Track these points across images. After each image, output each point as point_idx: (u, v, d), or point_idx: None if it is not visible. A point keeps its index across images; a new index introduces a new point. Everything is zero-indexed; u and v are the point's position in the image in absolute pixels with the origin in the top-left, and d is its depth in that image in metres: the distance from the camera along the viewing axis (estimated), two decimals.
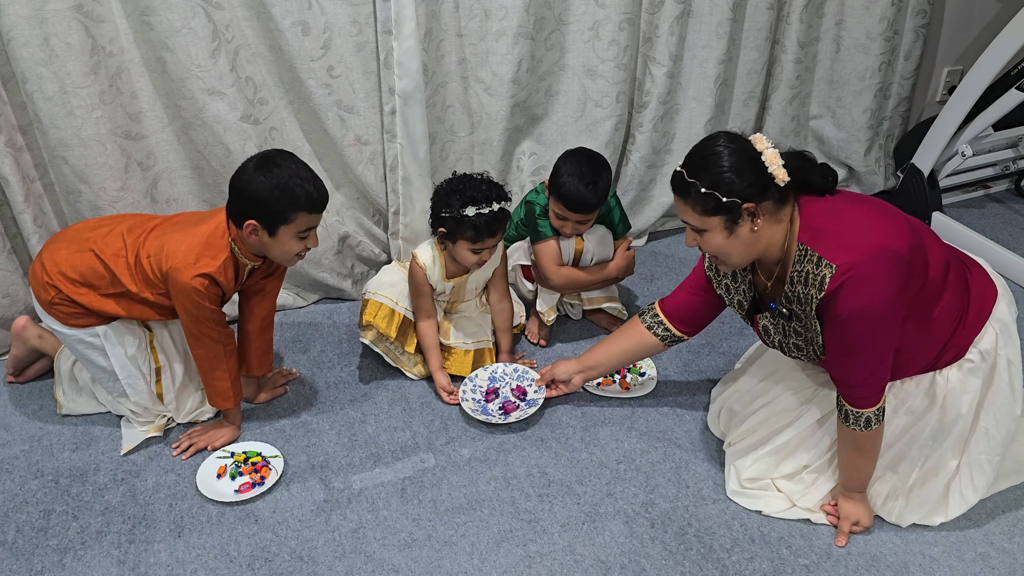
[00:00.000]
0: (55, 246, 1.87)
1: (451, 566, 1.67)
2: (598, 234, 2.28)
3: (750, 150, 1.46)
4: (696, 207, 1.49)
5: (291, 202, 1.71)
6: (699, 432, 2.03)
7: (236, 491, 1.83)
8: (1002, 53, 2.58)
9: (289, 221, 1.73)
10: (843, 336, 1.50)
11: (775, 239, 1.52)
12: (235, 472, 1.88)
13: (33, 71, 1.95)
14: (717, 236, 1.51)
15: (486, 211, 1.95)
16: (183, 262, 1.74)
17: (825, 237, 1.48)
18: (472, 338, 2.24)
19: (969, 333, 1.59)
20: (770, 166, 1.45)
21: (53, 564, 1.67)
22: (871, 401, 1.56)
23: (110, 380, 1.94)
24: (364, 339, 2.15)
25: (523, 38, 2.40)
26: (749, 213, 1.47)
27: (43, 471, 1.91)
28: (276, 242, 1.76)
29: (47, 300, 1.84)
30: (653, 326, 1.89)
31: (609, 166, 2.19)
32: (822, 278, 1.45)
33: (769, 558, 1.68)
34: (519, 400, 2.09)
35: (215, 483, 1.85)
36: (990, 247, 2.74)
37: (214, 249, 1.77)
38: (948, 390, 1.61)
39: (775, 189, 1.46)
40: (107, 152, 2.12)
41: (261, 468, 1.89)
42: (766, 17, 2.72)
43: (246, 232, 1.74)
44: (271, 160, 1.72)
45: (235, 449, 1.95)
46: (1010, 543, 1.71)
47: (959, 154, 2.91)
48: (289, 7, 2.11)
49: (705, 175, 1.46)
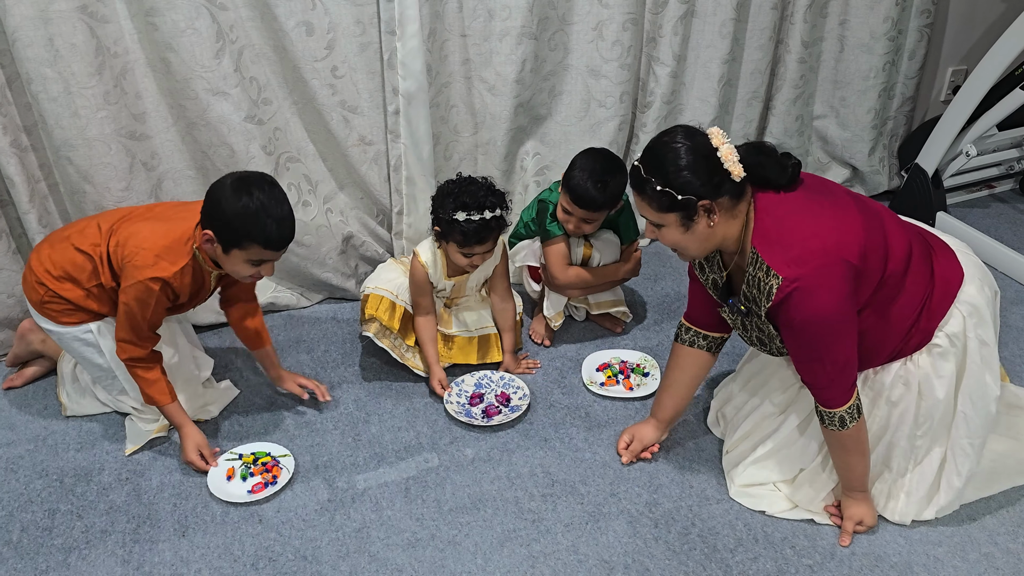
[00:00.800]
0: (40, 247, 1.89)
1: (455, 566, 1.67)
2: (607, 241, 2.27)
3: (706, 146, 1.45)
4: (652, 204, 1.50)
5: (248, 232, 1.68)
6: (702, 432, 2.03)
7: (249, 491, 1.83)
8: (1006, 53, 2.58)
9: (242, 247, 1.70)
10: (799, 342, 1.52)
11: (731, 233, 1.53)
12: (245, 473, 1.88)
13: (38, 71, 1.96)
14: (674, 231, 1.52)
15: (476, 218, 1.95)
16: (143, 261, 1.74)
17: (773, 243, 1.48)
18: (475, 326, 2.25)
19: (934, 316, 1.58)
20: (725, 162, 1.44)
21: (58, 563, 1.68)
22: (840, 400, 1.56)
23: (108, 378, 1.94)
24: (367, 332, 2.15)
25: (527, 38, 2.40)
26: (705, 210, 1.47)
27: (48, 471, 1.92)
28: (227, 259, 1.74)
29: (37, 300, 1.85)
30: (694, 340, 1.84)
31: (626, 171, 2.17)
32: (769, 288, 1.47)
33: (773, 558, 1.68)
34: (502, 405, 2.10)
35: (226, 486, 1.85)
36: (994, 247, 2.73)
37: (175, 254, 1.76)
38: (921, 376, 1.61)
39: (731, 184, 1.46)
40: (112, 152, 2.12)
41: (272, 468, 1.89)
42: (770, 17, 2.71)
43: (202, 239, 1.72)
44: (250, 183, 1.69)
45: (243, 451, 1.95)
46: (1014, 543, 1.70)
47: (963, 154, 2.91)
48: (293, 7, 2.11)
49: (660, 172, 1.46)
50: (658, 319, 2.50)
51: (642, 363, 2.26)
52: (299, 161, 2.37)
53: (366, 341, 2.37)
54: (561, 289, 2.30)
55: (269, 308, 2.49)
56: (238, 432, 2.03)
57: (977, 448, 1.68)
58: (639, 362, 2.27)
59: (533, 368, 2.27)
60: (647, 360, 2.27)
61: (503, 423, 2.04)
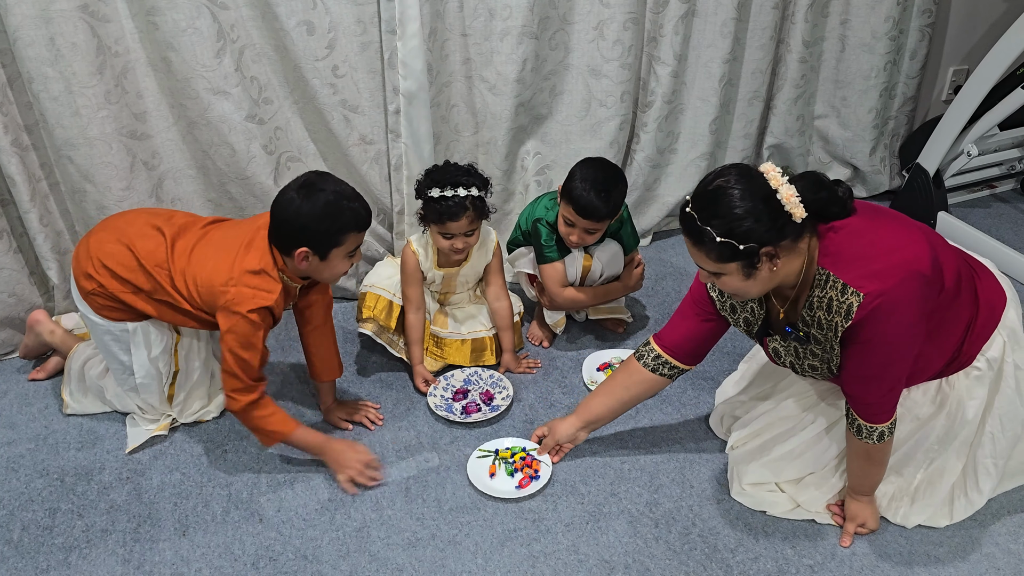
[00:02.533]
0: (101, 236, 1.84)
1: (455, 565, 1.67)
2: (610, 251, 2.26)
3: (764, 188, 1.36)
4: (711, 254, 1.40)
5: (343, 225, 1.69)
6: (703, 431, 2.03)
7: (517, 487, 1.84)
8: (1008, 52, 2.57)
9: (341, 244, 1.71)
10: (865, 360, 1.46)
11: (793, 269, 1.45)
12: (511, 470, 1.88)
13: (39, 71, 1.96)
14: (734, 279, 1.43)
15: (450, 194, 1.96)
16: (239, 297, 1.70)
17: (847, 262, 1.42)
18: (467, 328, 2.25)
19: (977, 341, 1.57)
20: (787, 204, 1.35)
21: (59, 562, 1.68)
22: (885, 417, 1.54)
23: (125, 374, 1.94)
24: (365, 330, 2.16)
25: (527, 37, 2.40)
26: (768, 256, 1.39)
27: (49, 470, 1.92)
28: (327, 265, 1.74)
29: (87, 289, 1.83)
30: (657, 367, 1.78)
31: (625, 180, 2.16)
32: (848, 306, 1.40)
33: (773, 558, 1.68)
34: (483, 404, 2.10)
35: (491, 483, 1.85)
36: (996, 247, 2.73)
37: (268, 282, 1.73)
38: (955, 397, 1.60)
39: (793, 226, 1.37)
40: (112, 152, 2.12)
41: (532, 463, 1.89)
42: (771, 16, 2.71)
43: (298, 260, 1.71)
44: (313, 185, 1.69)
45: (497, 446, 1.95)
46: (1015, 544, 1.70)
47: (965, 154, 2.90)
48: (294, 7, 2.11)
49: (718, 221, 1.36)
50: (659, 320, 2.50)
51: None
52: (300, 160, 2.37)
53: (364, 338, 2.37)
54: (558, 309, 2.30)
55: None
56: (240, 431, 2.02)
57: (1000, 468, 1.68)
58: None
59: (534, 368, 2.27)
60: None
61: (479, 421, 2.04)
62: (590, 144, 2.64)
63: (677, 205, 2.91)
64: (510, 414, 2.09)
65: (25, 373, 2.22)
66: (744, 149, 2.95)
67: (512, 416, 2.09)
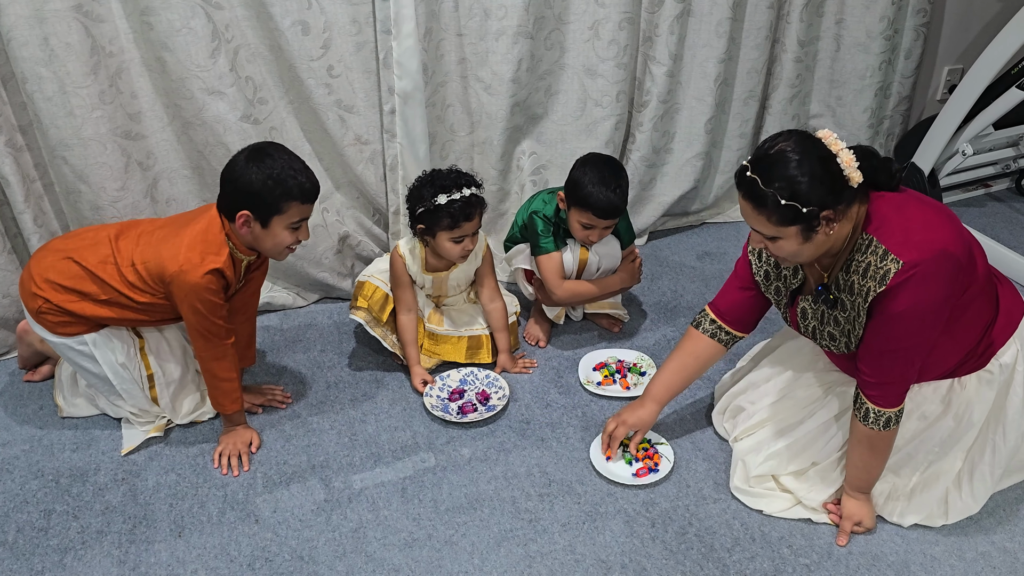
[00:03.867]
0: (41, 255, 1.86)
1: (452, 566, 1.67)
2: (607, 244, 2.26)
3: (823, 151, 1.40)
4: (772, 217, 1.42)
5: (284, 192, 1.72)
6: (699, 431, 2.03)
7: (633, 475, 1.86)
8: (1002, 52, 2.58)
9: (282, 212, 1.74)
10: (887, 333, 1.48)
11: (843, 234, 1.48)
12: (630, 458, 1.89)
13: (33, 71, 1.95)
14: (792, 242, 1.46)
15: (458, 196, 1.98)
16: (188, 263, 1.73)
17: (891, 229, 1.45)
18: (464, 326, 2.25)
19: (994, 345, 1.59)
20: (845, 169, 1.40)
21: (53, 564, 1.67)
22: (895, 401, 1.55)
23: (105, 385, 1.93)
24: (356, 317, 2.16)
25: (523, 37, 2.40)
26: (827, 219, 1.42)
27: (44, 471, 1.91)
28: (268, 234, 1.77)
29: (35, 309, 1.83)
30: (714, 332, 1.82)
31: (623, 166, 2.18)
32: (885, 272, 1.43)
33: (770, 557, 1.68)
34: (479, 404, 2.10)
35: (609, 466, 1.88)
36: (991, 246, 2.74)
37: (215, 245, 1.77)
38: (964, 398, 1.61)
39: (850, 191, 1.42)
40: (107, 152, 2.12)
41: (653, 455, 1.90)
42: (766, 16, 2.71)
43: (238, 224, 1.75)
44: (263, 151, 1.73)
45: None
46: (1011, 542, 1.71)
47: (960, 153, 2.91)
48: (289, 7, 2.11)
49: (782, 184, 1.39)
50: (655, 319, 2.50)
51: (639, 362, 2.26)
52: None
53: (361, 338, 2.36)
54: (556, 303, 2.30)
55: (265, 308, 2.49)
56: None
57: (997, 477, 1.70)
58: (636, 361, 2.27)
59: (530, 368, 2.27)
60: (644, 359, 2.27)
61: (475, 421, 2.04)
62: (586, 144, 2.64)
63: (673, 204, 2.92)
64: (506, 414, 2.09)
65: (20, 375, 2.21)
66: (740, 149, 2.96)
67: (508, 416, 2.09)
